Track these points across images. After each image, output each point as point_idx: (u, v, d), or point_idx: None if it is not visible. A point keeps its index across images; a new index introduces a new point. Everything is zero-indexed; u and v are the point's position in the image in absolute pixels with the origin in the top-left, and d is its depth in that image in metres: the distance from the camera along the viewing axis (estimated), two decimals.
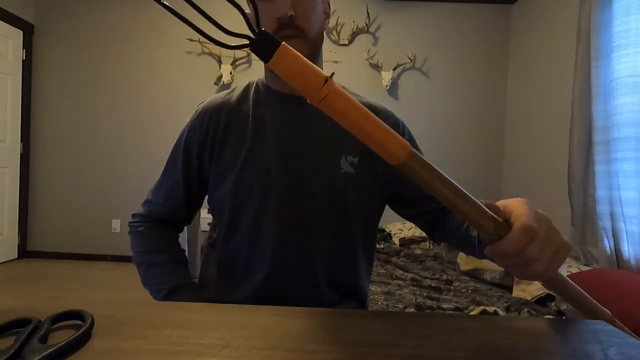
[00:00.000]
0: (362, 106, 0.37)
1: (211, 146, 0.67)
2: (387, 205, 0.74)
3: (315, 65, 0.37)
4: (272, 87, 0.68)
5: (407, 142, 0.37)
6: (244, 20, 0.39)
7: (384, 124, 0.37)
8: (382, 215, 0.74)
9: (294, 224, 0.64)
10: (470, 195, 0.37)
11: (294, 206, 0.64)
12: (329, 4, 0.69)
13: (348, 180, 0.65)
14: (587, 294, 0.51)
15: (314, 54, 0.65)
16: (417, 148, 0.74)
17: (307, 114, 0.66)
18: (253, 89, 0.70)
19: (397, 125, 0.73)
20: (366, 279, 0.73)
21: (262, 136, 0.65)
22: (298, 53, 0.36)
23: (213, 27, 0.36)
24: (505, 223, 0.38)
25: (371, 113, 0.38)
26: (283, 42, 0.35)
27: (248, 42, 0.36)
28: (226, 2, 0.36)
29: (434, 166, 0.37)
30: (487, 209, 0.38)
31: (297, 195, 0.64)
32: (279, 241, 0.64)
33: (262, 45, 0.35)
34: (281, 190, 0.64)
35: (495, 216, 0.38)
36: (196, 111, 0.71)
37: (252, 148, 0.65)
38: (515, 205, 0.39)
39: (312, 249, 0.65)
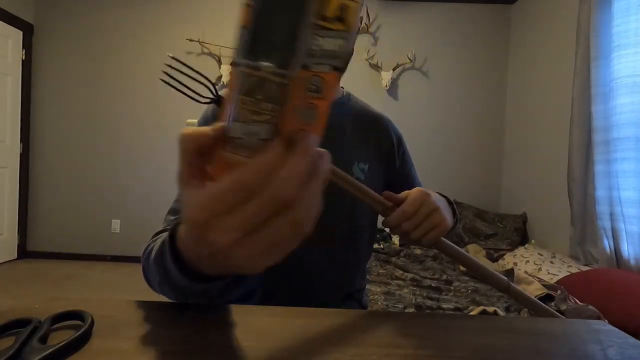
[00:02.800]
0: None
1: None
2: None
3: None
4: None
5: None
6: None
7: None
8: None
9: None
10: (361, 184, 0.53)
11: None
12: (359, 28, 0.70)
13: None
14: (480, 262, 0.59)
15: None
16: (412, 164, 0.78)
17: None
18: None
19: (400, 140, 0.76)
20: (364, 281, 0.75)
21: None
22: None
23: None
24: (394, 205, 0.54)
25: None
26: None
27: (212, 101, 0.45)
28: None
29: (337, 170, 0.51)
30: (378, 196, 0.54)
31: None
32: None
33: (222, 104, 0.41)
34: None
35: (383, 200, 0.55)
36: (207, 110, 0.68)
37: None
38: (410, 192, 0.55)
39: (319, 254, 0.65)
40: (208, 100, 0.45)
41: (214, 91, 0.45)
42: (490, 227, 2.67)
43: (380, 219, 0.77)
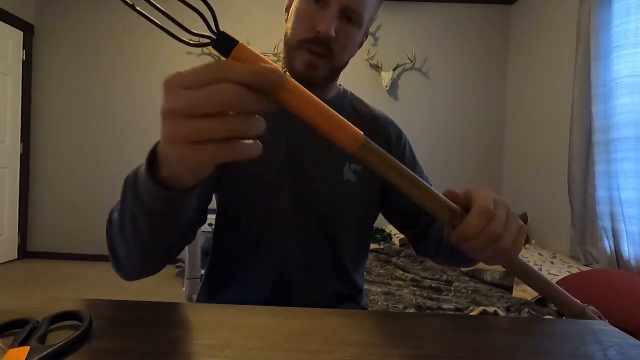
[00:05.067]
0: (316, 99, 0.38)
1: None
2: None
3: (268, 61, 0.38)
4: None
5: (361, 133, 0.37)
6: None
7: (337, 115, 0.37)
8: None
9: (296, 229, 0.63)
10: (426, 185, 0.39)
11: (296, 211, 0.63)
12: (367, 35, 0.67)
13: (349, 187, 0.65)
14: (555, 284, 0.52)
15: (332, 77, 0.65)
16: (415, 160, 0.74)
17: None
18: None
19: (399, 135, 0.72)
20: (361, 283, 0.73)
21: (272, 137, 0.63)
22: (254, 51, 0.37)
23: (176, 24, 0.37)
24: (462, 210, 0.39)
25: (325, 105, 0.37)
26: (240, 41, 0.36)
27: (209, 41, 0.36)
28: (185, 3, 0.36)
29: (389, 156, 0.38)
30: (443, 198, 0.39)
31: (299, 201, 0.63)
32: (282, 244, 0.63)
33: (222, 43, 0.36)
34: (285, 195, 0.63)
35: (451, 204, 0.39)
36: None
37: (262, 150, 0.63)
38: (475, 191, 0.40)
39: (311, 255, 0.65)
40: (206, 40, 0.35)
41: (213, 26, 0.35)
42: None
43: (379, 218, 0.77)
